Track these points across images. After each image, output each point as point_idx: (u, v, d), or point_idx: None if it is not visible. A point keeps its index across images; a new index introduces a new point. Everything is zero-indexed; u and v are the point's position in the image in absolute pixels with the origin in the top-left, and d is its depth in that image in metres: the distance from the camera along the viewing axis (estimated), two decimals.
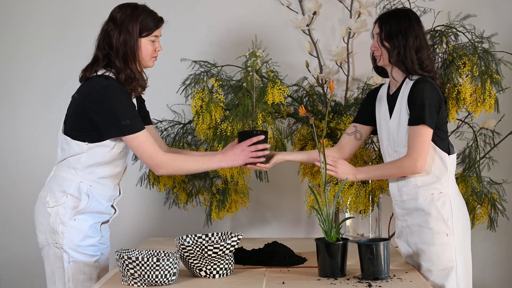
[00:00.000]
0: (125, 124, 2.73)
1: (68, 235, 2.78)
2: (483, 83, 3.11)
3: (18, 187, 3.96)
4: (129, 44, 2.81)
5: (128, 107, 2.76)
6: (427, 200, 2.79)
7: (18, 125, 3.98)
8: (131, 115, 2.75)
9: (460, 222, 2.80)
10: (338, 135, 3.39)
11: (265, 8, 3.90)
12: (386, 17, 2.87)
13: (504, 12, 3.85)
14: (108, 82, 2.76)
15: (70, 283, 2.80)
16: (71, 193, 2.79)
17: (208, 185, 3.57)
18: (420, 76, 2.80)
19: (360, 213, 3.35)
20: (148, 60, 2.88)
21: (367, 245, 2.58)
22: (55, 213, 2.78)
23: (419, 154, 2.73)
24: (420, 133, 2.73)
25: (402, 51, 2.80)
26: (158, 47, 2.90)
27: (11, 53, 3.97)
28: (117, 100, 2.74)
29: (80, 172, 2.80)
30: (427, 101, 2.73)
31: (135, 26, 2.82)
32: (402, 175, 2.80)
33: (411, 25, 2.83)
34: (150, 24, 2.85)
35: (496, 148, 3.59)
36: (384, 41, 2.83)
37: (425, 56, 2.82)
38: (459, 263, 2.77)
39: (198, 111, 3.26)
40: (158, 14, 2.92)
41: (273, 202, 3.96)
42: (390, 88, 2.94)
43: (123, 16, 2.83)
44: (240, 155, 2.91)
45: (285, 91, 3.26)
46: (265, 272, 2.74)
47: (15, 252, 3.95)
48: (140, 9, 2.86)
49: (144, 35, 2.84)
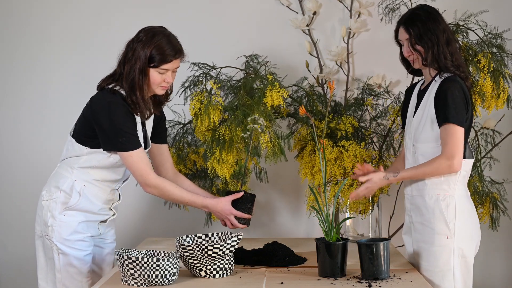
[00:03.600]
0: (121, 141, 2.80)
1: (57, 228, 2.88)
2: (496, 79, 3.11)
3: (18, 187, 3.96)
4: (137, 71, 2.81)
5: (127, 126, 2.81)
6: (432, 199, 2.78)
7: (19, 125, 3.98)
8: (128, 134, 2.81)
9: (466, 227, 2.77)
10: (338, 135, 3.39)
11: (265, 8, 3.90)
12: (410, 20, 2.82)
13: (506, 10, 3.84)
14: (112, 98, 2.82)
15: (60, 274, 2.89)
16: (64, 190, 2.90)
17: (208, 185, 3.57)
18: (450, 75, 2.77)
19: (360, 213, 3.35)
20: (156, 88, 2.88)
21: (367, 245, 2.58)
22: (47, 206, 2.90)
23: (454, 152, 2.69)
24: (451, 132, 2.70)
25: (435, 49, 2.77)
26: (168, 78, 2.86)
27: (12, 54, 3.98)
28: (117, 117, 2.80)
29: (76, 171, 2.91)
30: (456, 100, 2.70)
31: (146, 54, 2.81)
32: (440, 174, 2.75)
33: (436, 19, 2.80)
34: (158, 57, 2.82)
35: (497, 148, 3.59)
36: (416, 44, 2.79)
37: (454, 48, 2.80)
38: (457, 267, 2.74)
39: (197, 113, 3.27)
40: (178, 46, 2.86)
41: (273, 202, 3.95)
42: (423, 83, 2.91)
43: (140, 41, 2.83)
44: (223, 217, 2.95)
45: (284, 93, 3.25)
46: (265, 272, 2.74)
47: (15, 252, 3.96)
48: (157, 38, 2.83)
49: (152, 66, 2.83)
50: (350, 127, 3.41)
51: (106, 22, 3.96)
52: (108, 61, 4.20)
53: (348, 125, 3.41)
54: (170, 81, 2.88)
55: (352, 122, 3.43)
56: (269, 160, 3.23)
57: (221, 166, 3.23)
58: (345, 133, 3.39)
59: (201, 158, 3.53)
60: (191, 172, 3.56)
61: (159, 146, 3.09)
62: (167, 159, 3.11)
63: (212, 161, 3.23)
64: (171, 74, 2.87)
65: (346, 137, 3.38)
